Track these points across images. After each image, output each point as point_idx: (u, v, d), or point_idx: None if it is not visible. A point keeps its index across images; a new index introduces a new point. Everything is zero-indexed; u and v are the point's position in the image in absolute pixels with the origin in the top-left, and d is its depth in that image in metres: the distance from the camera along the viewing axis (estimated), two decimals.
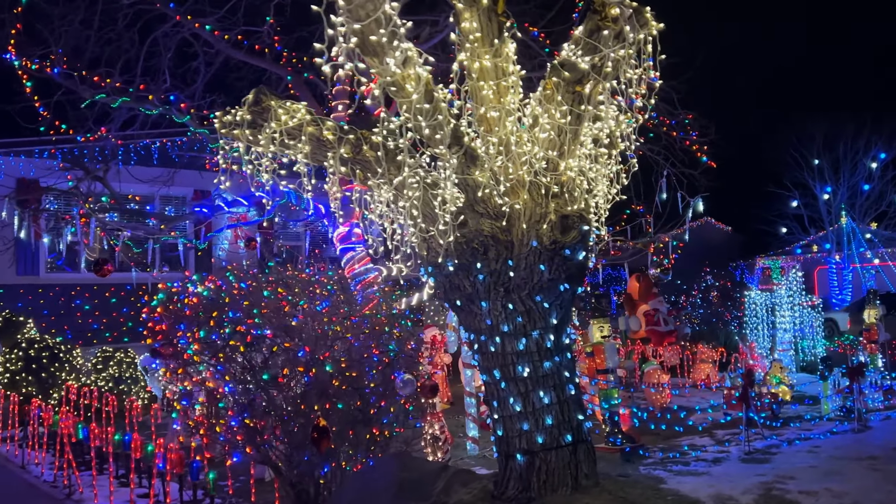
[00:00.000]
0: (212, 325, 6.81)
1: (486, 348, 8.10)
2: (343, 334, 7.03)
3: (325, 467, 6.91)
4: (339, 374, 6.82)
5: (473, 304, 8.01)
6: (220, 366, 6.92)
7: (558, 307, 8.04)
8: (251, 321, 6.88)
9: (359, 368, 7.06)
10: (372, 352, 7.13)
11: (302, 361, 6.89)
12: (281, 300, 6.95)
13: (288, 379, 6.89)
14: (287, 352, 6.91)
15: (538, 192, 7.80)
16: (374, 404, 7.17)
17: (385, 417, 7.32)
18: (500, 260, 7.81)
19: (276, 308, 6.91)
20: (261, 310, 6.92)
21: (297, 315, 6.90)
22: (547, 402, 7.94)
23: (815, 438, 11.40)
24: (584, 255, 8.07)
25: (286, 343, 6.85)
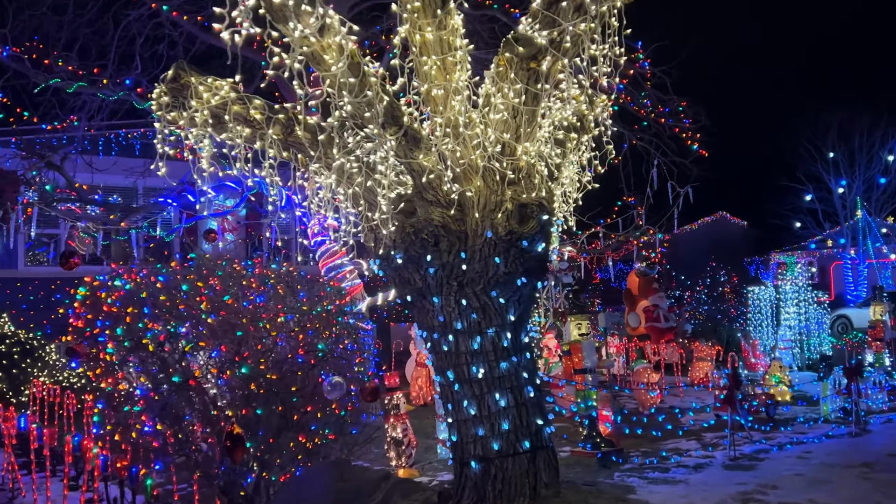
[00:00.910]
0: (129, 322, 6.28)
1: (439, 347, 7.54)
2: (268, 333, 6.46)
3: (248, 477, 6.36)
4: (259, 376, 6.27)
5: (425, 299, 7.44)
6: (137, 366, 6.39)
7: (516, 303, 7.45)
8: (167, 317, 6.35)
9: (280, 371, 6.49)
10: (297, 352, 6.55)
11: (216, 362, 6.35)
12: (200, 295, 6.40)
13: (201, 382, 6.33)
14: (204, 352, 6.36)
15: (493, 178, 7.20)
16: (299, 409, 6.60)
17: (314, 424, 6.74)
18: (452, 252, 7.24)
19: (194, 304, 6.36)
20: (178, 305, 6.39)
21: (220, 311, 6.34)
22: (503, 406, 7.36)
23: (808, 443, 10.74)
24: (543, 247, 7.47)
25: (201, 342, 6.32)
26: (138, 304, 6.31)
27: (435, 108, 6.88)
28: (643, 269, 18.21)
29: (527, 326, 7.69)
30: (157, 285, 6.47)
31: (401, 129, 6.37)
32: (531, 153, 7.24)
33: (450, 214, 7.18)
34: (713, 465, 9.62)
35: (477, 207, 7.25)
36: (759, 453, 10.17)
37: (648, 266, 18.17)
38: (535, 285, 7.57)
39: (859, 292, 39.31)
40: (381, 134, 6.35)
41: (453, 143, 6.88)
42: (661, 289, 20.96)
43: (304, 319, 6.72)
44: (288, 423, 6.50)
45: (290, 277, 7.44)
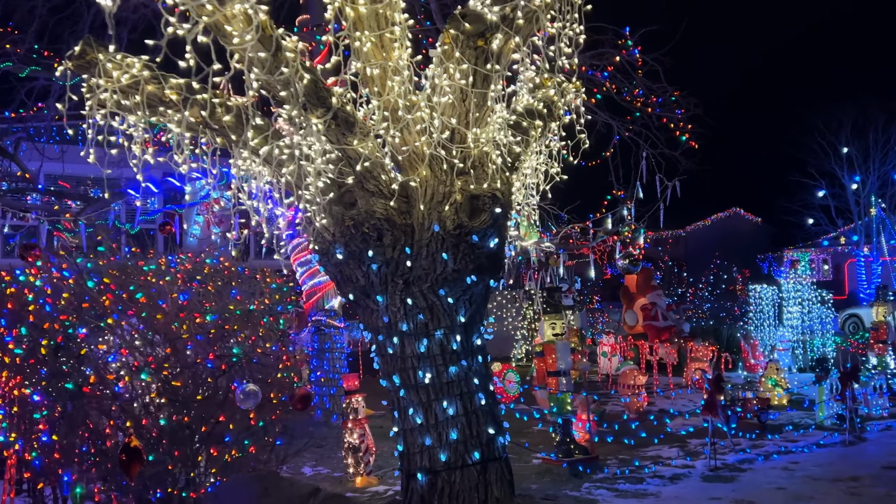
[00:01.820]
0: (31, 321, 5.76)
1: (384, 350, 6.98)
2: (178, 335, 5.91)
3: (157, 492, 5.83)
4: (162, 383, 5.73)
5: (368, 298, 6.88)
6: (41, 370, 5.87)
7: (466, 303, 6.88)
8: (65, 318, 5.82)
9: (184, 377, 5.93)
10: (208, 357, 6.00)
11: (112, 368, 5.81)
12: (106, 293, 5.86)
13: (95, 388, 5.79)
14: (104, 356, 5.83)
15: (440, 167, 6.62)
16: (208, 420, 6.05)
17: (228, 435, 6.19)
18: (397, 247, 6.67)
19: (97, 303, 5.83)
20: (81, 304, 5.86)
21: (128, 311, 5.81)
22: (451, 414, 6.79)
23: (796, 452, 10.12)
24: (497, 243, 6.88)
25: (100, 345, 5.78)
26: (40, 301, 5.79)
27: (373, 89, 6.31)
28: (626, 266, 17.54)
29: (480, 328, 7.10)
30: (69, 281, 5.94)
31: (329, 111, 5.80)
32: (482, 140, 6.65)
33: (393, 206, 6.61)
34: (691, 476, 9.02)
35: (423, 199, 6.68)
36: (743, 463, 9.57)
37: (631, 263, 17.49)
38: (487, 284, 6.98)
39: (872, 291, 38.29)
40: (304, 116, 5.78)
41: (393, 128, 6.30)
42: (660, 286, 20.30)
43: (229, 320, 6.17)
44: (195, 435, 5.96)
45: (229, 273, 6.89)
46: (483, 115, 6.62)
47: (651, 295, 19.95)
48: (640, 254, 17.26)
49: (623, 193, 13.37)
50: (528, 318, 20.20)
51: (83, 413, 5.79)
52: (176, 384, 5.81)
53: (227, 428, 6.18)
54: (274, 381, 6.57)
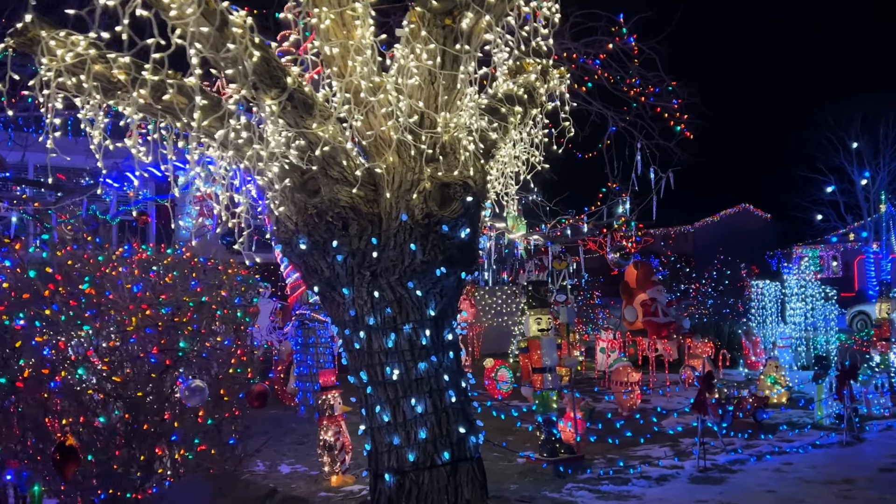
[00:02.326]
0: None
1: (351, 345, 6.69)
2: (123, 327, 5.63)
3: (100, 494, 5.54)
4: (103, 378, 5.44)
5: (334, 290, 6.58)
6: None
7: (437, 296, 6.57)
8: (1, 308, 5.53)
9: (127, 372, 5.64)
10: (151, 351, 5.69)
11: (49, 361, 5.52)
12: (50, 282, 5.57)
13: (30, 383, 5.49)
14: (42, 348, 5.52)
15: (408, 153, 6.31)
16: (152, 417, 5.75)
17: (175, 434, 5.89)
18: (363, 237, 6.37)
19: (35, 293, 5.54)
20: (22, 295, 5.57)
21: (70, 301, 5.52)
22: (420, 412, 6.50)
23: (791, 453, 9.77)
24: (468, 233, 6.56)
25: (38, 338, 5.49)
26: None
27: (334, 70, 6.00)
28: (617, 260, 17.18)
29: (452, 323, 6.79)
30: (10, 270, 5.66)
31: (283, 91, 5.49)
32: (452, 126, 6.33)
33: (359, 194, 6.31)
34: (679, 477, 8.69)
35: (391, 187, 6.37)
36: (734, 464, 9.23)
37: (622, 256, 17.13)
38: (459, 276, 6.67)
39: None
40: (256, 97, 5.48)
41: (356, 111, 5.99)
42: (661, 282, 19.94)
43: (180, 312, 5.87)
44: (136, 433, 5.67)
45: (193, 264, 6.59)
46: (453, 98, 6.31)
47: (651, 290, 19.59)
48: (632, 247, 16.90)
49: (618, 185, 13.02)
50: (525, 314, 19.87)
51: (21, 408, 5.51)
52: (116, 379, 5.53)
53: (172, 426, 5.89)
54: (226, 378, 6.27)
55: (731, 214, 62.64)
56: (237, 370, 6.47)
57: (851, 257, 42.93)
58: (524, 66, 7.80)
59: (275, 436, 11.44)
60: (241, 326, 6.71)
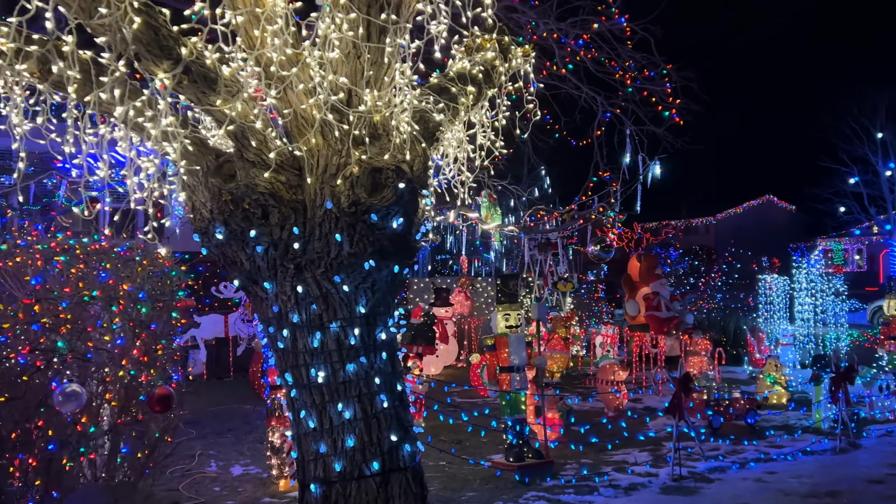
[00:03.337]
0: None
1: (275, 344, 6.15)
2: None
3: None
4: None
5: (256, 284, 6.04)
6: None
7: (368, 292, 6.01)
8: None
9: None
10: (22, 351, 5.18)
11: None
12: None
13: None
14: None
15: (333, 134, 5.75)
16: (22, 424, 5.24)
17: (52, 442, 5.38)
18: (285, 227, 5.82)
19: None
20: None
21: None
22: (348, 418, 5.95)
23: (778, 460, 9.16)
24: (402, 223, 6.00)
25: None
26: None
27: (244, 41, 5.45)
28: (597, 253, 16.50)
29: (387, 321, 6.22)
30: None
31: (177, 63, 4.95)
32: (381, 105, 5.76)
33: (281, 179, 5.75)
34: (651, 486, 8.11)
35: (316, 171, 5.82)
36: (713, 472, 8.63)
37: (603, 249, 16.44)
38: (393, 270, 6.10)
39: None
40: (143, 69, 4.95)
41: (270, 87, 5.43)
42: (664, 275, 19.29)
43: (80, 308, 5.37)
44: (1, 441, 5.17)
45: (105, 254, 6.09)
46: (381, 74, 5.74)
47: (654, 284, 18.95)
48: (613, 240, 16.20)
49: (609, 175, 12.40)
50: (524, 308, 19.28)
51: None
52: None
53: (47, 434, 5.39)
54: (115, 380, 5.76)
55: (755, 206, 61.58)
56: (130, 372, 5.96)
57: (877, 251, 41.85)
58: (482, 44, 7.24)
59: (239, 433, 11.00)
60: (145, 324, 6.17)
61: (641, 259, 19.64)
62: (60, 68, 4.99)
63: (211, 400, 13.34)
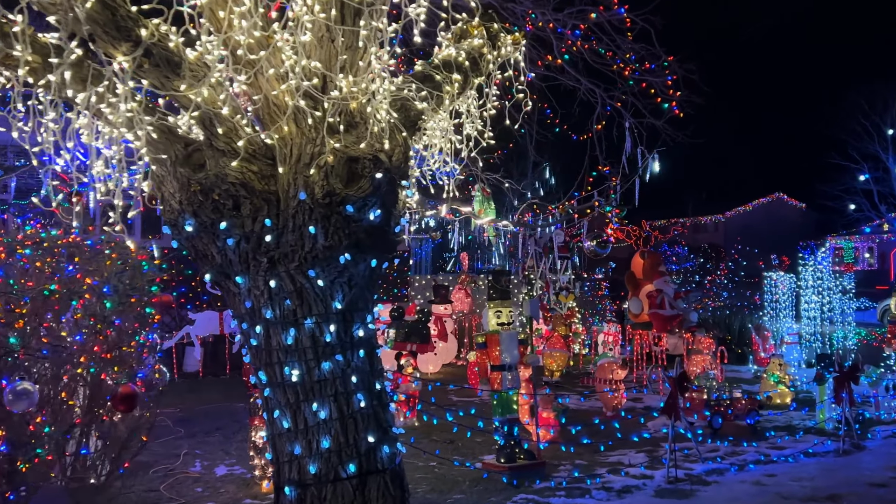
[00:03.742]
0: None
1: (249, 341, 5.91)
2: None
3: None
4: None
5: (228, 279, 5.81)
6: None
7: (344, 286, 5.77)
8: None
9: None
10: None
11: None
12: None
13: None
14: None
15: (306, 122, 5.51)
16: None
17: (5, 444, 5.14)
18: (258, 218, 5.58)
19: None
20: None
21: None
22: (323, 418, 5.72)
23: (778, 462, 8.88)
24: (380, 215, 5.75)
25: None
26: None
27: (212, 24, 5.21)
28: (593, 249, 16.20)
29: (365, 317, 5.98)
30: None
31: (137, 45, 4.72)
32: (357, 91, 5.51)
33: (252, 169, 5.52)
34: (645, 489, 7.84)
35: (289, 160, 5.58)
36: (711, 474, 8.35)
37: (599, 245, 16.13)
38: (370, 264, 5.86)
39: None
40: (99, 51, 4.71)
41: (238, 71, 5.19)
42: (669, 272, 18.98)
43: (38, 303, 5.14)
44: None
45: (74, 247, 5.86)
46: (356, 59, 5.50)
47: (658, 281, 18.63)
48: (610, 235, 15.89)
49: (608, 169, 12.12)
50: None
51: None
52: None
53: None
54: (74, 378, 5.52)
55: (764, 204, 61.16)
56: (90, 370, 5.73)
57: (888, 248, 41.39)
58: (469, 30, 6.99)
59: (228, 432, 10.77)
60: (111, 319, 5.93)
61: (645, 256, 19.34)
62: (15, 52, 4.76)
63: (204, 398, 13.14)
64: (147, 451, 9.66)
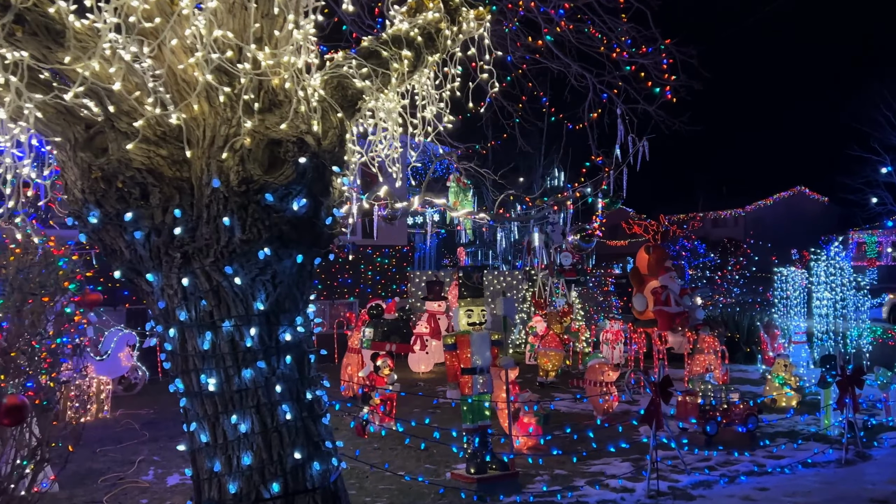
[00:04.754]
0: None
1: (165, 345, 5.33)
2: None
3: None
4: None
5: (140, 276, 5.22)
6: None
7: (267, 285, 5.17)
8: None
9: None
10: None
11: None
12: None
13: None
14: None
15: (219, 100, 4.91)
16: None
17: None
18: (169, 209, 4.99)
19: None
20: None
21: None
22: (244, 431, 5.13)
23: (774, 473, 8.21)
24: (306, 205, 5.14)
25: None
26: None
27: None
28: (577, 242, 15.47)
29: (294, 319, 5.36)
30: None
31: (5, 10, 4.14)
32: (273, 63, 4.90)
33: (161, 153, 4.93)
34: (622, 503, 7.19)
35: (202, 143, 4.98)
36: (697, 487, 7.70)
37: (583, 239, 15.40)
38: (296, 260, 5.25)
39: None
40: None
41: (131, 42, 4.59)
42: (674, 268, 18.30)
43: None
44: None
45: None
46: (272, 28, 4.89)
47: (663, 277, 17.95)
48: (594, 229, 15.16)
49: (601, 159, 11.43)
50: (527, 301, 18.37)
51: None
52: None
53: None
54: None
55: (785, 198, 60.03)
56: None
57: None
58: (424, 3, 6.37)
59: None
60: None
61: (650, 251, 18.65)
62: None
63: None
64: (105, 457, 9.19)
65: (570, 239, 15.26)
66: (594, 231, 14.99)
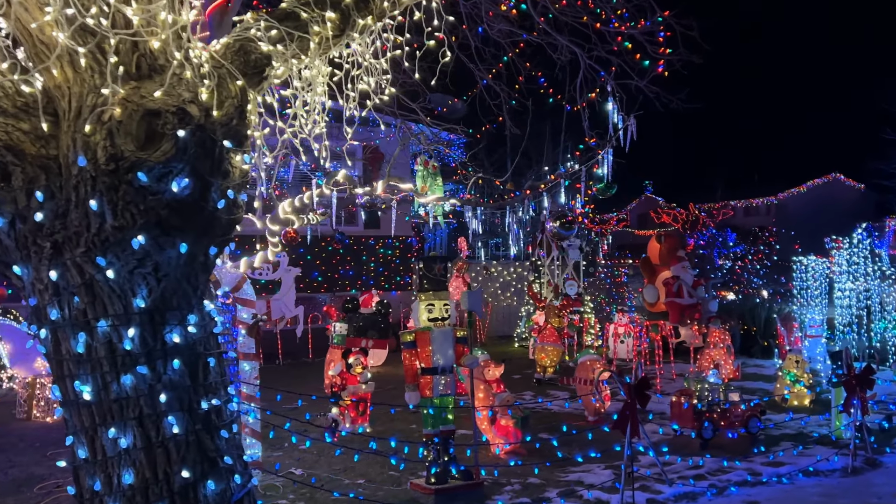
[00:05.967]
0: None
1: (38, 347, 4.68)
2: None
3: None
4: None
5: (8, 269, 4.57)
6: None
7: (149, 279, 4.49)
8: None
9: None
10: None
11: None
12: None
13: None
14: None
15: (91, 65, 4.24)
16: None
17: None
18: (33, 192, 4.33)
19: None
20: None
21: None
22: (125, 447, 4.46)
23: (769, 484, 7.42)
24: (189, 185, 4.44)
25: None
26: None
27: None
28: (556, 230, 14.60)
29: (186, 318, 4.67)
30: None
31: None
32: (162, 25, 4.23)
33: (21, 128, 4.27)
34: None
35: (67, 116, 4.31)
36: (680, 500, 6.96)
37: (563, 226, 14.52)
38: (180, 250, 4.56)
39: None
40: None
41: None
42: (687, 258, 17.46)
43: None
44: None
45: None
46: None
47: (675, 267, 17.14)
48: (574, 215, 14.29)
49: (595, 141, 10.64)
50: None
51: None
52: None
53: None
54: None
55: (820, 185, 58.41)
56: None
57: None
58: None
59: None
60: None
61: (662, 240, 17.84)
62: None
63: None
64: (52, 461, 8.64)
65: (549, 226, 14.43)
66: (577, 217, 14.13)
